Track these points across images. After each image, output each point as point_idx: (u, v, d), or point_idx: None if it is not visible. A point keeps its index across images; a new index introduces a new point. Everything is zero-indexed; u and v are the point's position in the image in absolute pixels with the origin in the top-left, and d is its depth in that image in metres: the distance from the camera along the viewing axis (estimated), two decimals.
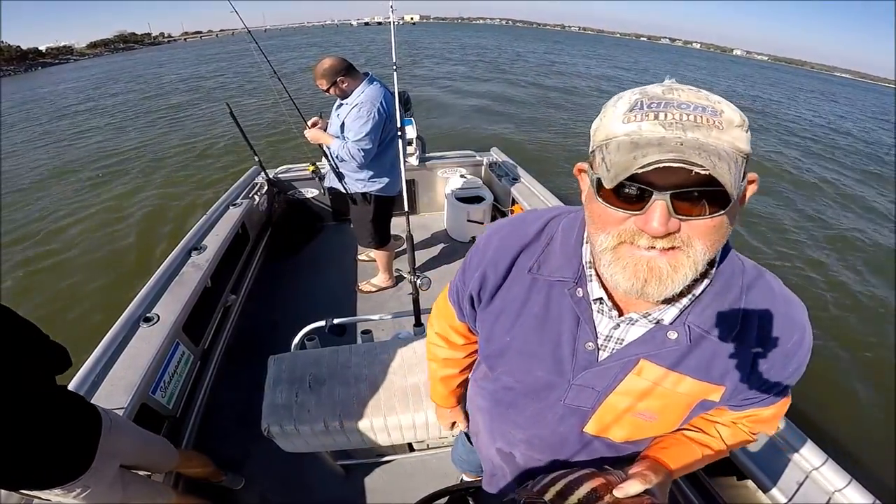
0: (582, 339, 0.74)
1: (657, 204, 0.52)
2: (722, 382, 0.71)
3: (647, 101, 0.54)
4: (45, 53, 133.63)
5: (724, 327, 0.68)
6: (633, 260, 0.58)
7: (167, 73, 29.04)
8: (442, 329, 1.08)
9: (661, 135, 0.51)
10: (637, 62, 42.25)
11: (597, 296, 0.71)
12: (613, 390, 0.75)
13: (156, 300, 2.38)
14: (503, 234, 0.82)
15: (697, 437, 0.86)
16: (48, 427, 1.25)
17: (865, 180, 11.13)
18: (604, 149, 0.56)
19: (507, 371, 0.87)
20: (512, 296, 0.80)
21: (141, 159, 10.39)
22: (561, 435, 0.86)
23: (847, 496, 1.44)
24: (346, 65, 2.65)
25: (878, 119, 25.29)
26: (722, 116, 0.53)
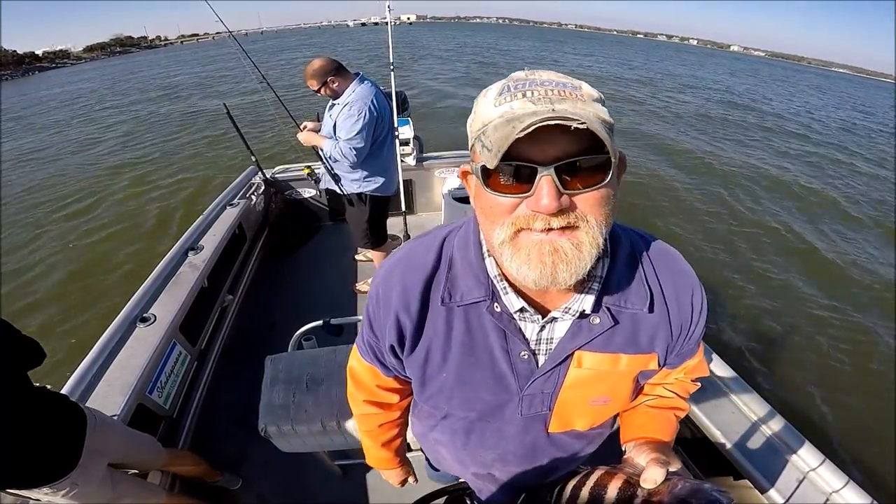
0: (514, 352, 0.73)
1: (544, 180, 0.52)
2: (653, 350, 0.75)
3: (512, 84, 0.57)
4: (42, 57, 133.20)
5: (638, 299, 0.71)
6: (534, 246, 0.57)
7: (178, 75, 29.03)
8: (369, 394, 0.98)
9: (532, 108, 0.53)
10: (631, 60, 42.37)
11: (517, 307, 0.70)
12: (562, 388, 0.76)
13: (152, 300, 2.37)
14: (402, 274, 0.76)
15: (660, 403, 0.89)
16: (30, 424, 1.25)
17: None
18: (482, 136, 0.56)
19: (454, 406, 0.84)
20: (432, 333, 0.76)
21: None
22: (530, 443, 0.86)
23: (845, 497, 1.45)
24: (336, 65, 2.65)
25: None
26: (581, 90, 0.56)
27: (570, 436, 0.87)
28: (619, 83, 24.50)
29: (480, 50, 41.02)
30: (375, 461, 1.21)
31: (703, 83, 29.32)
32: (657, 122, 14.83)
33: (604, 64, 36.79)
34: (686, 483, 0.60)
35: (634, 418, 0.90)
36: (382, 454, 1.16)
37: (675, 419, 0.88)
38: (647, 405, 0.90)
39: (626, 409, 0.92)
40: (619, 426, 0.95)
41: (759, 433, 1.71)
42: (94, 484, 1.40)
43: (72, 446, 1.35)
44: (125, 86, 26.46)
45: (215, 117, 13.69)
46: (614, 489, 0.66)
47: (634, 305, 0.71)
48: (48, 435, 1.30)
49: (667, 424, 0.87)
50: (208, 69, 29.46)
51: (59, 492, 1.31)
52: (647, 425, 0.86)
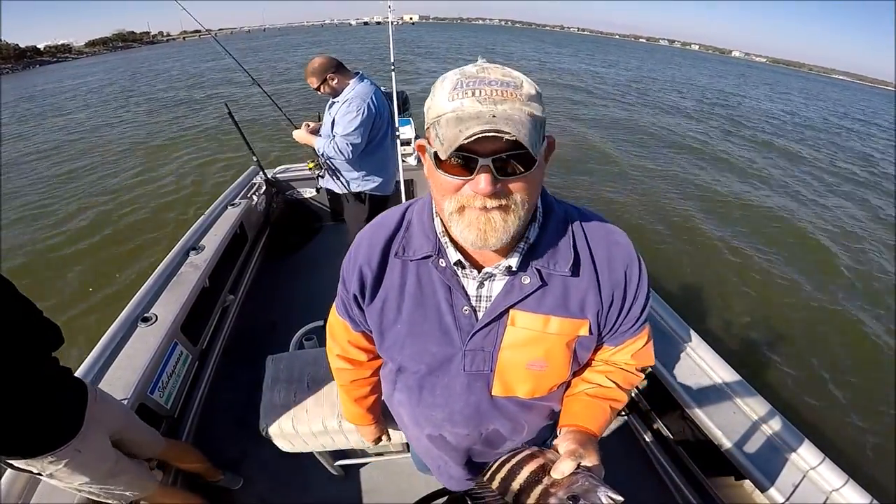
0: (458, 306, 0.82)
1: (482, 169, 0.63)
2: (584, 315, 0.82)
3: (465, 80, 0.64)
4: (44, 52, 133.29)
5: (564, 262, 0.79)
6: (474, 217, 0.68)
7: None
8: (342, 349, 1.08)
9: (478, 109, 0.61)
10: (626, 63, 42.39)
11: (454, 259, 0.79)
12: (500, 347, 0.84)
13: (154, 300, 2.38)
14: (370, 233, 0.89)
15: (598, 393, 0.93)
16: (41, 394, 1.29)
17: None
18: (437, 125, 0.65)
19: (408, 356, 0.91)
20: (389, 285, 0.86)
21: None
22: (474, 404, 0.92)
23: (844, 496, 1.45)
24: (336, 63, 2.66)
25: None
26: (522, 90, 0.64)
27: (512, 402, 0.92)
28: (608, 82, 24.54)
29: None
30: (350, 416, 1.34)
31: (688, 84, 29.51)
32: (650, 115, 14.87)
33: (597, 67, 36.80)
34: (586, 482, 0.65)
35: (571, 405, 0.94)
36: (355, 409, 1.28)
37: (609, 410, 0.92)
38: (585, 393, 0.94)
39: (568, 395, 0.97)
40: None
41: (759, 432, 1.71)
42: (95, 452, 1.43)
43: (75, 414, 1.39)
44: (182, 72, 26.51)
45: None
46: (528, 471, 0.72)
47: (560, 268, 0.79)
48: (55, 403, 1.34)
49: (600, 414, 0.90)
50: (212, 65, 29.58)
51: (62, 460, 1.34)
52: (581, 413, 0.90)
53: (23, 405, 1.23)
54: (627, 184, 8.83)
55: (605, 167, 9.85)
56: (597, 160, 10.28)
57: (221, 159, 9.80)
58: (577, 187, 8.35)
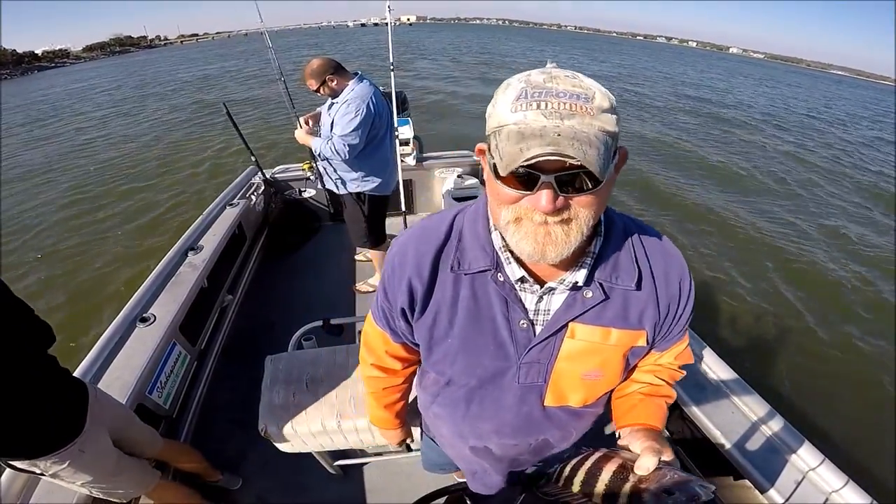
0: (515, 320, 0.80)
1: (544, 186, 0.60)
2: (641, 326, 0.81)
3: (530, 90, 0.60)
4: (41, 57, 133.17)
5: (627, 276, 0.78)
6: (531, 229, 0.65)
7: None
8: (377, 359, 1.06)
9: (542, 124, 0.57)
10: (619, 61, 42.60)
11: (518, 276, 0.76)
12: (557, 358, 0.82)
13: (152, 300, 2.37)
14: (416, 242, 0.84)
15: (651, 391, 0.93)
16: (42, 395, 1.28)
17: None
18: (497, 135, 0.62)
19: (459, 370, 0.89)
20: (441, 298, 0.82)
21: None
22: (525, 415, 0.91)
23: (844, 497, 1.45)
24: (335, 64, 2.65)
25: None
26: (593, 103, 0.59)
27: (564, 412, 0.92)
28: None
29: (478, 51, 41.12)
30: (376, 420, 1.31)
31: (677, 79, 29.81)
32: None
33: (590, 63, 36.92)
34: (674, 474, 0.65)
35: (628, 405, 0.93)
36: (384, 414, 1.25)
37: (665, 406, 0.93)
38: (639, 392, 0.94)
39: (619, 396, 0.96)
40: (605, 411, 1.01)
41: (759, 433, 1.71)
42: (98, 451, 1.43)
43: (77, 413, 1.39)
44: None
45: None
46: (608, 472, 0.71)
47: (624, 282, 0.78)
48: (58, 404, 1.33)
49: (658, 412, 0.91)
50: (228, 65, 29.58)
51: (66, 460, 1.34)
52: (641, 413, 0.90)
53: (24, 406, 1.23)
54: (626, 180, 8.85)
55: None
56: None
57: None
58: None
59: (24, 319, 1.32)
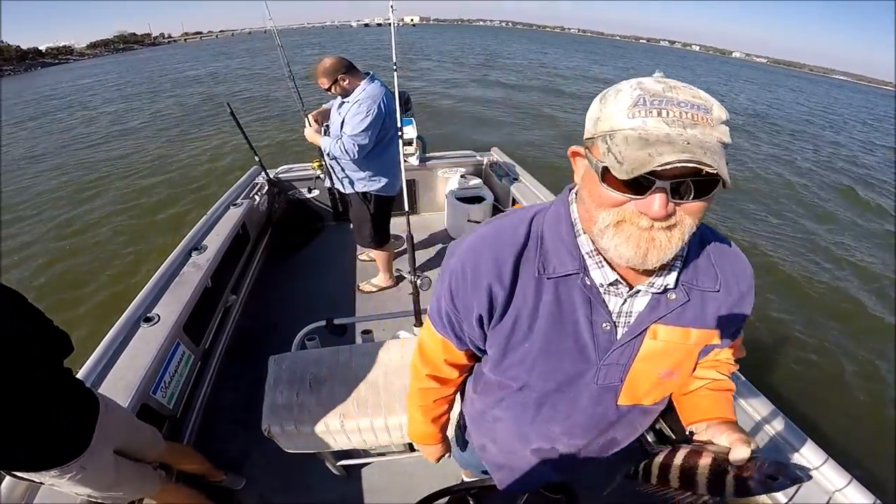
0: (598, 322, 0.79)
1: (658, 192, 0.60)
2: (717, 326, 0.83)
3: (648, 97, 0.59)
4: (45, 53, 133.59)
5: (708, 279, 0.80)
6: (634, 234, 0.65)
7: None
8: (434, 369, 1.04)
9: (665, 131, 0.57)
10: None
11: (611, 279, 0.76)
12: (636, 359, 0.82)
13: (156, 300, 2.38)
14: (492, 246, 0.81)
15: (717, 386, 0.95)
16: (49, 409, 1.27)
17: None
18: (608, 139, 0.61)
19: (537, 375, 0.87)
20: (521, 303, 0.80)
21: None
22: (599, 415, 0.92)
23: (847, 496, 1.44)
24: (347, 64, 2.66)
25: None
26: (712, 114, 0.59)
27: (635, 410, 0.93)
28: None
29: (478, 51, 41.10)
30: (420, 436, 1.26)
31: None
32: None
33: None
34: (770, 461, 0.68)
35: (699, 401, 0.95)
36: (429, 429, 1.21)
37: (730, 398, 0.95)
38: (707, 388, 0.95)
39: (684, 393, 0.98)
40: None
41: (762, 432, 1.71)
42: (100, 468, 1.42)
43: (85, 429, 1.38)
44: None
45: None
46: (705, 467, 0.73)
47: (705, 284, 0.80)
48: (66, 419, 1.32)
49: (729, 405, 0.93)
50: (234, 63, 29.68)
51: (66, 475, 1.33)
52: (714, 407, 0.91)
53: (31, 420, 1.21)
54: None
55: None
56: None
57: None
58: None
59: (38, 329, 1.31)
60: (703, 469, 0.73)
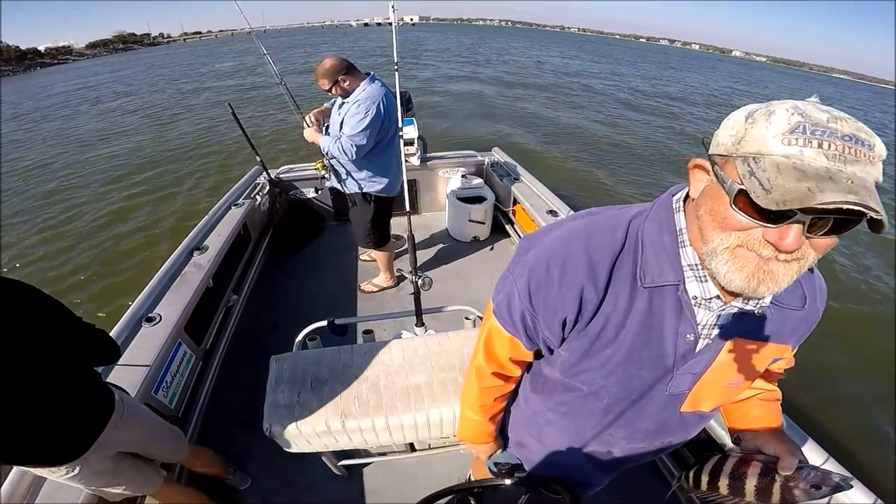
0: (682, 333, 0.77)
1: (796, 225, 0.55)
2: (791, 342, 0.84)
3: (810, 126, 0.54)
4: (44, 54, 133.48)
5: (794, 297, 0.79)
6: (751, 263, 0.61)
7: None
8: (499, 366, 1.00)
9: (824, 165, 0.53)
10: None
11: (713, 294, 0.72)
12: (709, 369, 0.82)
13: (158, 300, 2.38)
14: (588, 244, 0.77)
15: (768, 396, 0.97)
16: (50, 412, 1.26)
17: None
18: (752, 162, 0.57)
19: (614, 381, 0.85)
20: (612, 308, 0.77)
21: None
22: (663, 421, 0.91)
23: (849, 495, 1.44)
24: (347, 64, 2.66)
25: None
26: (874, 151, 0.54)
27: (695, 416, 0.92)
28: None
29: (479, 51, 41.11)
30: (476, 436, 1.23)
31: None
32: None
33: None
34: (816, 471, 0.71)
35: (750, 410, 0.96)
36: (487, 428, 1.19)
37: (779, 407, 0.97)
38: (758, 398, 0.97)
39: (736, 401, 0.98)
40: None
41: None
42: (91, 472, 1.42)
43: (83, 440, 1.36)
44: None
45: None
46: (754, 475, 0.76)
47: (792, 303, 0.79)
48: (65, 427, 1.31)
49: (778, 415, 0.95)
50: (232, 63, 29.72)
51: (55, 472, 1.35)
52: (765, 417, 0.93)
53: (26, 420, 1.21)
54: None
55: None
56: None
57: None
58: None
59: (56, 330, 1.28)
60: (751, 478, 0.76)
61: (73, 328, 1.33)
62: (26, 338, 1.18)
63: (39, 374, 1.22)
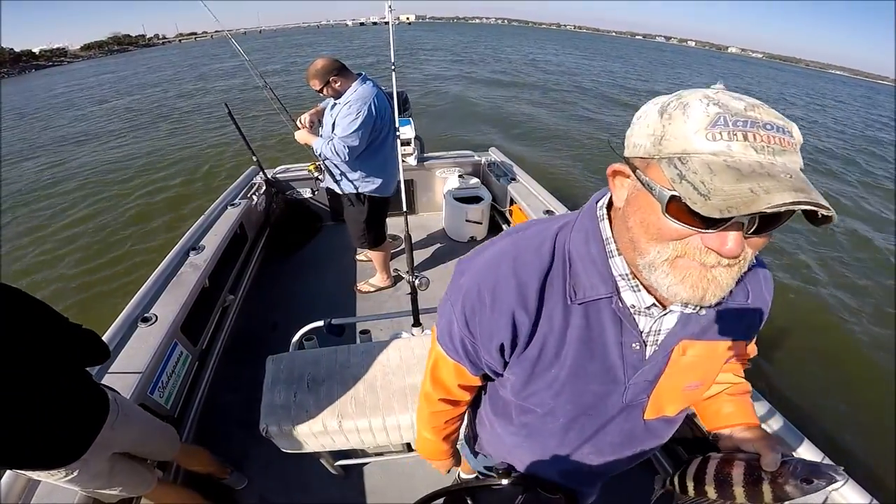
0: (627, 343, 0.75)
1: (735, 226, 0.52)
2: (744, 336, 0.82)
3: (730, 116, 0.51)
4: (39, 56, 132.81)
5: (739, 292, 0.77)
6: (695, 273, 0.57)
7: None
8: (446, 393, 0.98)
9: (755, 159, 0.50)
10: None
11: (649, 303, 0.70)
12: (663, 375, 0.80)
13: (154, 300, 2.38)
14: (515, 266, 0.73)
15: (736, 390, 0.95)
16: (48, 416, 1.26)
17: None
18: (679, 163, 0.53)
19: (563, 400, 0.83)
20: (548, 329, 0.75)
21: None
22: (628, 431, 0.89)
23: (844, 495, 1.44)
24: (339, 65, 2.65)
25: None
26: (794, 137, 0.52)
27: (661, 421, 0.90)
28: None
29: (478, 50, 41.16)
30: (431, 453, 1.24)
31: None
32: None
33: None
34: (804, 464, 0.68)
35: (720, 407, 0.94)
36: (442, 447, 1.20)
37: (751, 402, 0.94)
38: (727, 393, 0.94)
39: (706, 399, 0.96)
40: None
41: None
42: (89, 475, 1.42)
43: (81, 442, 1.36)
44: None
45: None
46: (739, 475, 0.73)
47: (737, 299, 0.76)
48: (62, 429, 1.31)
49: (750, 408, 0.92)
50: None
51: (53, 476, 1.34)
52: (738, 412, 0.91)
53: (24, 423, 1.21)
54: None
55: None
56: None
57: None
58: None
59: (44, 333, 1.27)
60: (737, 479, 0.73)
61: (63, 330, 1.33)
62: (23, 340, 1.18)
63: (36, 377, 1.22)
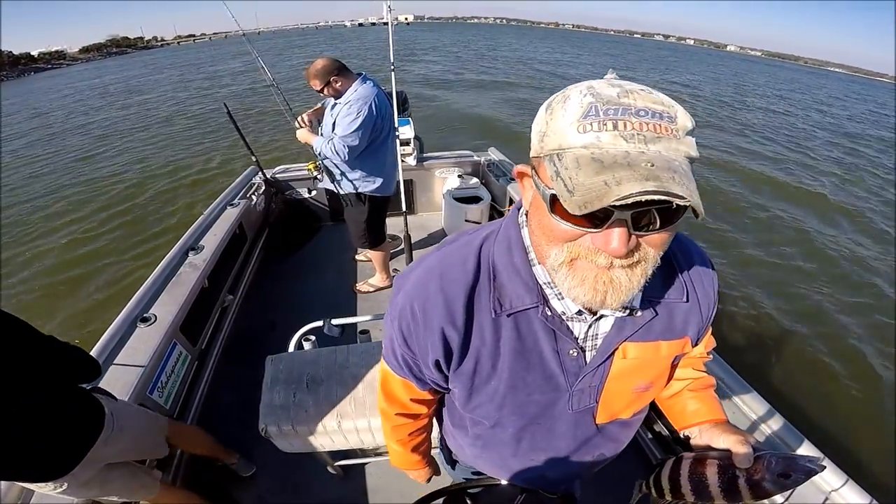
0: (564, 351, 0.74)
1: (617, 224, 0.50)
2: (686, 334, 0.80)
3: (601, 105, 0.50)
4: (38, 58, 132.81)
5: (676, 291, 0.76)
6: (591, 274, 0.56)
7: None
8: (401, 408, 0.98)
9: (623, 149, 0.48)
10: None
11: (575, 310, 0.69)
12: (608, 379, 0.78)
13: (153, 300, 2.38)
14: (440, 285, 0.72)
15: (698, 385, 0.93)
16: (31, 432, 1.25)
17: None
18: (556, 160, 0.52)
19: (507, 412, 0.83)
20: (480, 343, 0.74)
21: None
22: (581, 437, 0.88)
23: (844, 496, 1.44)
24: (339, 65, 2.66)
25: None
26: (677, 123, 0.50)
27: (615, 424, 0.89)
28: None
29: (477, 49, 41.18)
30: (404, 463, 1.23)
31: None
32: None
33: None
34: (778, 458, 0.65)
35: (684, 405, 0.92)
36: (412, 458, 1.19)
37: (714, 394, 0.93)
38: (688, 389, 0.93)
39: (669, 397, 0.95)
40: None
41: (759, 432, 1.71)
42: (80, 486, 1.41)
43: (71, 457, 1.35)
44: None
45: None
46: (713, 475, 0.71)
47: (674, 297, 0.76)
48: (52, 446, 1.30)
49: (715, 402, 0.91)
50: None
51: (43, 488, 1.34)
52: (702, 408, 0.89)
53: (14, 437, 1.20)
54: None
55: None
56: None
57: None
58: None
59: (33, 352, 1.28)
60: (712, 478, 0.70)
61: (41, 344, 1.32)
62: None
63: (15, 392, 1.21)
